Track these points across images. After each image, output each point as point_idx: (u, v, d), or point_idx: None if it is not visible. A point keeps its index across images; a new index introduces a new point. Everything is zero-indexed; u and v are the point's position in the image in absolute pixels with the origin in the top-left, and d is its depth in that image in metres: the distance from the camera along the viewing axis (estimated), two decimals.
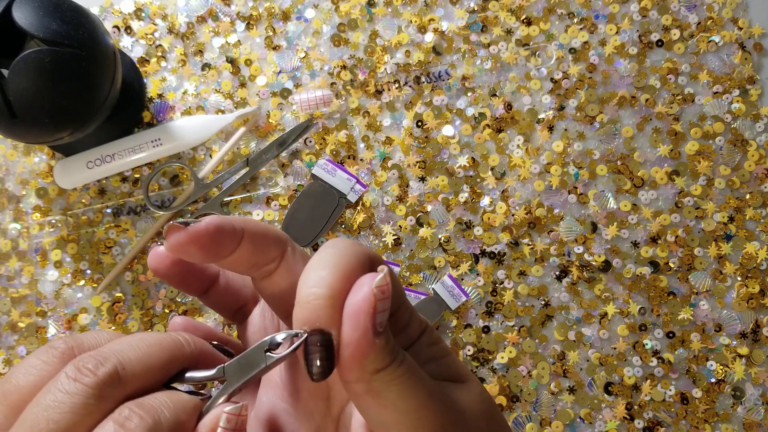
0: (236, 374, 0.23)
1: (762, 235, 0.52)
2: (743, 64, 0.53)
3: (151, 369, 0.22)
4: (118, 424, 0.20)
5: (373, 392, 0.21)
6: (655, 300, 0.51)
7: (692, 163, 0.53)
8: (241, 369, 0.23)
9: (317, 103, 0.53)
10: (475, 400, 0.24)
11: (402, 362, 0.22)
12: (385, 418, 0.22)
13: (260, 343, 0.23)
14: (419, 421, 0.21)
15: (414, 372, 0.22)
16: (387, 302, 0.21)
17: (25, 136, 0.44)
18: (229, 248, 0.24)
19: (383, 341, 0.21)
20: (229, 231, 0.24)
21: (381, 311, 0.21)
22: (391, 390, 0.21)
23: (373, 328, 0.21)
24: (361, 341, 0.21)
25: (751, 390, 0.50)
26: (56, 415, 0.19)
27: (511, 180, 0.53)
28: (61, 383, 0.20)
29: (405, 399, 0.21)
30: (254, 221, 0.25)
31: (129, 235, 0.53)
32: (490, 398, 0.25)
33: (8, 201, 0.54)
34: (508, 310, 0.51)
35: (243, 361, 0.23)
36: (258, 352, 0.23)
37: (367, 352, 0.21)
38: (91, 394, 0.20)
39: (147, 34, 0.55)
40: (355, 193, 0.53)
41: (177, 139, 0.52)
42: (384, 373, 0.21)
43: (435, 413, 0.22)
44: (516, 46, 0.54)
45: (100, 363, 0.21)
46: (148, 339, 0.23)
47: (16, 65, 0.41)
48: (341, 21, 0.55)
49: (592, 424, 0.50)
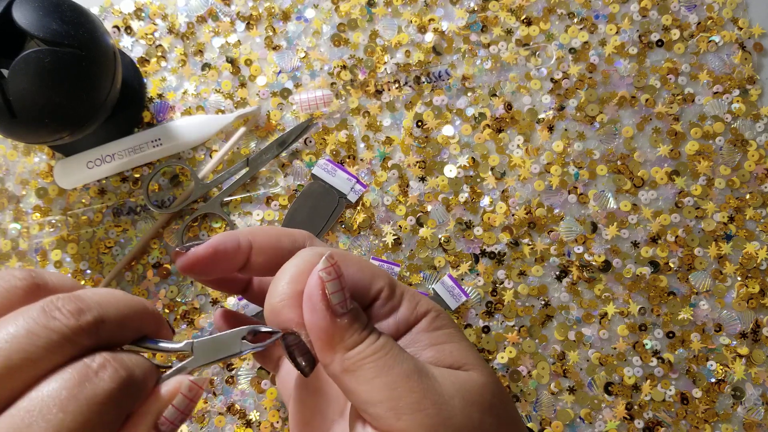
0: (205, 353, 0.24)
1: (762, 235, 0.52)
2: (743, 64, 0.53)
3: (124, 329, 0.22)
4: (90, 370, 0.20)
5: (349, 371, 0.22)
6: (655, 300, 0.51)
7: (692, 163, 0.53)
8: (212, 349, 0.24)
9: (317, 103, 0.53)
10: (474, 390, 0.24)
11: (376, 341, 0.23)
12: (364, 397, 0.22)
13: (239, 330, 0.24)
14: (395, 400, 0.22)
15: (390, 350, 0.23)
16: (337, 282, 0.23)
17: (25, 136, 0.44)
18: (238, 262, 0.26)
19: (347, 320, 0.22)
20: (231, 249, 0.26)
21: (333, 292, 0.22)
22: (366, 368, 0.22)
23: (330, 308, 0.22)
24: (321, 323, 0.22)
25: (751, 390, 0.50)
26: (25, 344, 0.19)
27: (511, 180, 0.53)
28: (37, 315, 0.20)
29: (380, 376, 0.22)
30: (265, 230, 0.27)
31: (129, 235, 0.53)
32: (496, 391, 0.24)
33: (8, 201, 0.54)
34: (508, 310, 0.51)
35: (216, 342, 0.24)
36: (235, 337, 0.24)
37: (331, 332, 0.22)
38: (67, 337, 0.20)
39: (147, 34, 0.55)
40: (355, 193, 0.53)
41: (177, 139, 0.52)
42: (357, 351, 0.22)
43: (412, 392, 0.22)
44: (516, 46, 0.54)
45: (82, 311, 0.21)
46: (125, 299, 0.23)
47: (16, 65, 0.41)
48: (341, 21, 0.55)
49: (592, 424, 0.50)
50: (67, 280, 0.23)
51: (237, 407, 0.51)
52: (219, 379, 0.51)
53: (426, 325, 0.25)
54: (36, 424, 0.18)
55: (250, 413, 0.51)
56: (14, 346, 0.19)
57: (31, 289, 0.21)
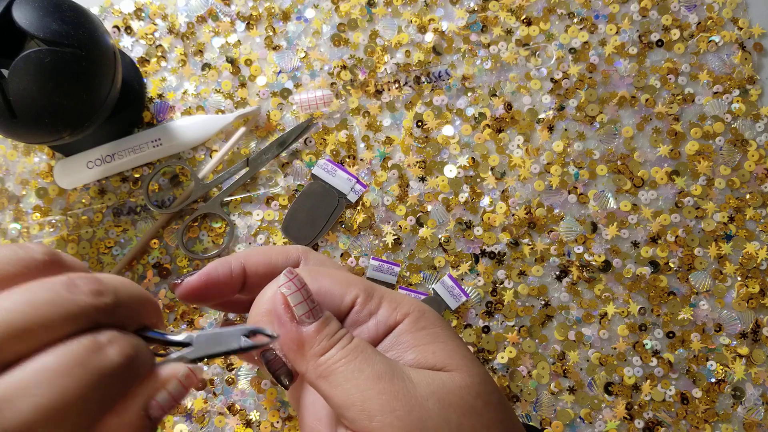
0: (204, 346, 0.24)
1: (762, 235, 0.52)
2: (743, 64, 0.53)
3: (134, 315, 0.23)
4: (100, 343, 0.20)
5: (323, 376, 0.23)
6: (655, 300, 0.51)
7: (692, 163, 0.53)
8: (211, 343, 0.24)
9: (317, 103, 0.53)
10: (453, 392, 0.23)
11: (347, 345, 0.24)
12: (338, 401, 0.23)
13: (241, 328, 0.24)
14: (366, 402, 0.22)
15: (362, 353, 0.23)
16: (298, 294, 0.24)
17: (25, 136, 0.44)
18: (234, 286, 0.28)
19: (314, 328, 0.24)
20: (224, 276, 0.28)
21: (297, 303, 0.24)
22: (338, 372, 0.23)
23: (294, 319, 0.24)
24: (289, 333, 0.24)
25: (751, 390, 0.50)
26: (46, 309, 0.20)
27: (511, 180, 0.53)
28: (60, 286, 0.20)
29: (351, 380, 0.23)
30: (258, 252, 0.29)
31: (129, 235, 0.53)
32: (481, 392, 0.24)
33: (8, 201, 0.54)
34: (508, 310, 0.51)
35: (217, 337, 0.24)
36: (235, 334, 0.24)
37: (300, 341, 0.24)
38: (84, 312, 0.20)
39: (147, 34, 0.55)
40: (355, 193, 0.53)
41: (177, 139, 0.52)
42: (327, 356, 0.23)
43: (381, 394, 0.22)
44: (516, 46, 0.54)
45: (101, 292, 0.21)
46: (137, 289, 0.24)
47: (16, 65, 0.41)
48: (341, 21, 0.55)
49: (592, 424, 0.50)
50: (82, 264, 0.24)
51: (237, 407, 0.51)
52: (219, 379, 0.51)
53: (408, 326, 0.26)
54: (42, 384, 0.19)
55: (250, 413, 0.51)
56: (35, 310, 0.19)
57: (49, 264, 0.22)
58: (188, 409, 0.51)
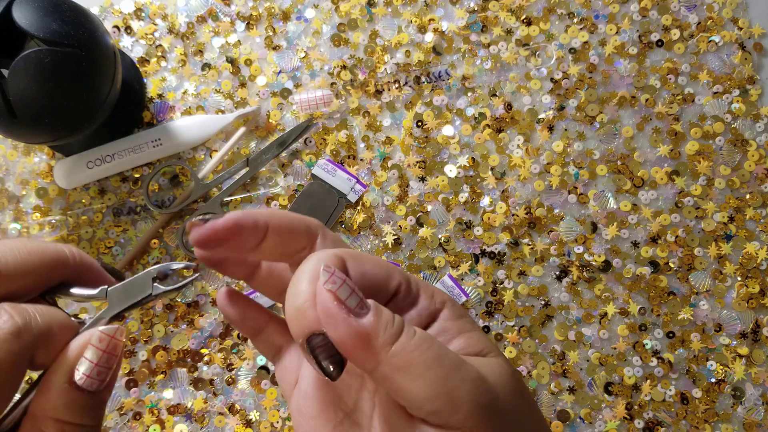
0: (119, 300, 0.23)
1: (762, 235, 0.52)
2: (743, 64, 0.53)
3: (28, 273, 0.22)
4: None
5: (400, 368, 0.21)
6: (655, 300, 0.51)
7: (692, 163, 0.53)
8: (125, 295, 0.23)
9: (317, 103, 0.53)
10: (504, 376, 0.23)
11: (414, 333, 0.22)
12: (420, 392, 0.21)
13: (149, 271, 0.23)
14: (451, 392, 0.21)
15: (433, 341, 0.22)
16: (346, 287, 0.22)
17: (25, 136, 0.44)
18: (253, 241, 0.25)
19: (374, 318, 0.21)
20: (249, 226, 0.25)
21: (347, 296, 0.21)
22: (417, 362, 0.21)
23: (352, 312, 0.21)
24: (350, 329, 0.21)
25: (751, 390, 0.50)
26: None
27: (511, 180, 0.53)
28: None
29: (432, 368, 0.21)
30: (281, 213, 0.26)
31: (129, 235, 0.53)
32: (518, 376, 0.24)
33: (8, 201, 0.54)
34: (508, 310, 0.51)
35: (128, 287, 0.23)
36: (145, 279, 0.23)
37: (365, 334, 0.21)
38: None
39: (147, 34, 0.55)
40: (355, 193, 0.53)
41: (177, 139, 0.52)
42: (401, 346, 0.21)
43: (464, 382, 0.21)
44: (516, 46, 0.54)
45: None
46: (30, 245, 0.23)
47: (16, 65, 0.41)
48: (341, 21, 0.55)
49: (592, 424, 0.50)
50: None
51: (237, 407, 0.51)
52: (219, 379, 0.51)
53: (449, 314, 0.25)
54: None
55: (250, 413, 0.51)
56: None
57: None
58: (188, 409, 0.51)
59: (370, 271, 0.24)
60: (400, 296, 0.25)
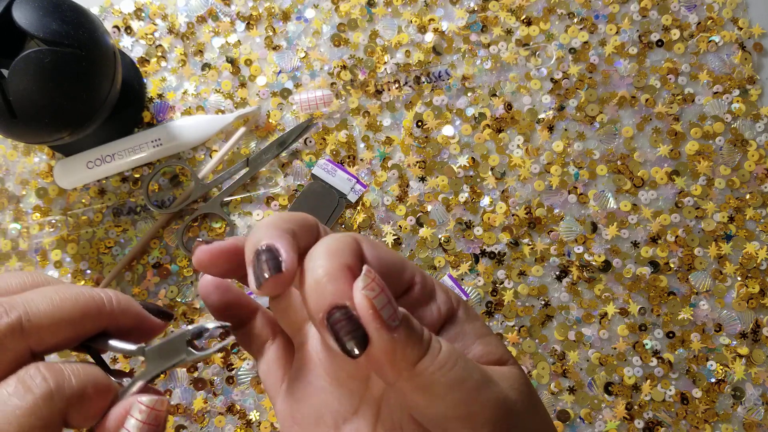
0: (155, 361, 0.22)
1: (762, 235, 0.52)
2: (743, 64, 0.53)
3: (60, 323, 0.21)
4: (19, 381, 0.20)
5: (422, 388, 0.21)
6: (655, 300, 0.51)
7: (692, 163, 0.53)
8: (161, 356, 0.22)
9: (317, 103, 0.53)
10: (524, 390, 0.23)
11: (440, 350, 0.21)
12: (440, 412, 0.21)
13: (183, 332, 0.22)
14: (473, 417, 0.21)
15: (458, 360, 0.21)
16: (383, 296, 0.20)
17: (25, 136, 0.44)
18: None
19: (404, 333, 0.20)
20: None
21: (383, 306, 0.20)
22: (439, 383, 0.20)
23: (384, 326, 0.20)
24: (379, 343, 0.20)
25: (751, 390, 0.50)
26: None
27: (511, 180, 0.53)
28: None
29: (453, 391, 0.21)
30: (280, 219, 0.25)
31: (129, 235, 0.53)
32: (530, 383, 0.24)
33: (8, 201, 0.54)
34: (508, 310, 0.51)
35: (164, 347, 0.22)
36: (180, 341, 0.22)
37: (392, 351, 0.20)
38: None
39: (147, 34, 0.55)
40: (355, 193, 0.53)
41: (177, 139, 0.52)
42: (425, 366, 0.21)
43: (485, 406, 0.21)
44: (516, 46, 0.54)
45: (5, 312, 0.20)
46: (63, 291, 0.22)
47: (16, 65, 0.41)
48: (341, 21, 0.55)
49: (592, 424, 0.50)
50: (12, 280, 0.23)
51: (237, 407, 0.51)
52: (219, 380, 0.51)
53: (464, 314, 0.24)
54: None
55: (250, 413, 0.51)
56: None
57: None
58: (188, 409, 0.51)
59: (385, 257, 0.23)
60: (417, 288, 0.24)
